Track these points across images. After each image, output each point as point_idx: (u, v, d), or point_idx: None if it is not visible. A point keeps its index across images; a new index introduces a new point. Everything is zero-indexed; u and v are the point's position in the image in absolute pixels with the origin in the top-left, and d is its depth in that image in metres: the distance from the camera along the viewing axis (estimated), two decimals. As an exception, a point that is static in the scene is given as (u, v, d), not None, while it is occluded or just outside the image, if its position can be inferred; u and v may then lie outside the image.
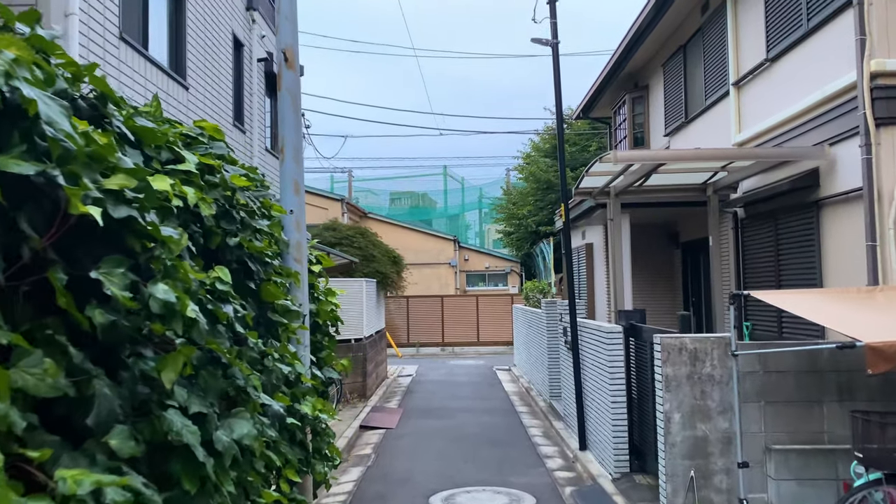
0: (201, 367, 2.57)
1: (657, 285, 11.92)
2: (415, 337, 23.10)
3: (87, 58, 6.93)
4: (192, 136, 3.50)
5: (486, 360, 20.22)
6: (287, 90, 4.87)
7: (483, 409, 11.82)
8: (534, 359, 13.59)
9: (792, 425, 5.27)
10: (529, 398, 12.89)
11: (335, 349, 5.56)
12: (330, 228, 14.54)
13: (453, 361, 20.21)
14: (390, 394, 13.77)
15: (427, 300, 23.39)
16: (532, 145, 28.72)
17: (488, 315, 23.01)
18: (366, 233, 14.72)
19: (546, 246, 24.50)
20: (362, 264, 14.04)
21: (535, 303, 14.56)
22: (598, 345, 7.51)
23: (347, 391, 11.95)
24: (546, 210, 26.23)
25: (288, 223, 4.54)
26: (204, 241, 2.94)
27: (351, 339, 12.19)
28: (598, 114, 16.12)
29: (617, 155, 6.86)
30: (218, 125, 3.62)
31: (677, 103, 11.45)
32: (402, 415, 11.31)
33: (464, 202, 47.09)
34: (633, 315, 7.09)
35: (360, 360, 12.21)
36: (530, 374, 14.33)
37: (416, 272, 26.57)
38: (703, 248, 10.66)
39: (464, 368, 18.32)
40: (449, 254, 28.26)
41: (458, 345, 22.95)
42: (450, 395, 13.42)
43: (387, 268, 14.28)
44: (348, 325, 12.09)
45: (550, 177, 25.21)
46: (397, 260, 15.14)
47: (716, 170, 8.37)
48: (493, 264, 30.00)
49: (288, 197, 4.74)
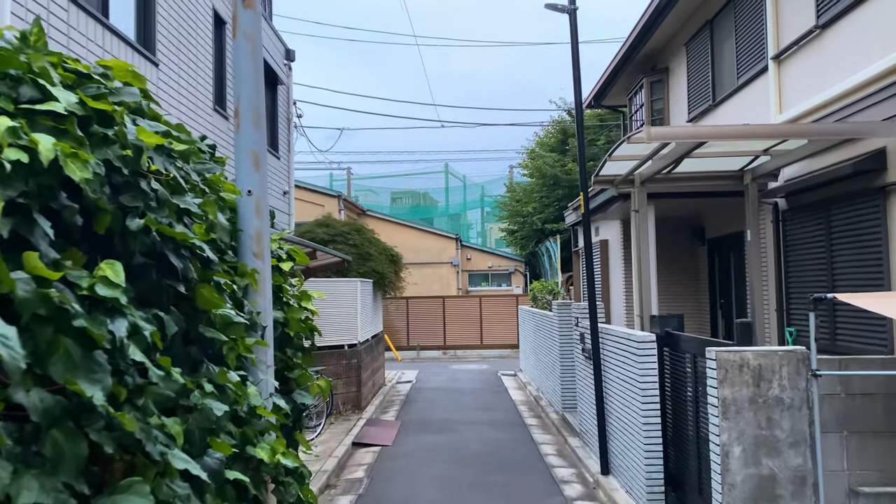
0: (53, 425, 1.57)
1: (679, 286, 10.86)
2: (415, 340, 22.05)
3: (23, 18, 5.89)
4: (86, 73, 2.37)
5: (490, 365, 19.16)
6: (244, 35, 3.73)
7: (489, 422, 10.76)
8: (543, 365, 12.53)
9: (883, 462, 4.21)
10: (539, 408, 11.84)
11: (311, 364, 4.44)
12: (323, 224, 13.51)
13: (455, 366, 19.16)
14: (388, 403, 12.72)
15: (428, 301, 22.34)
16: (537, 140, 27.68)
17: (492, 317, 21.95)
18: (362, 229, 13.69)
19: (553, 244, 23.43)
20: (357, 263, 13.01)
21: (545, 304, 13.52)
22: (626, 355, 6.45)
23: (340, 402, 10.89)
24: (552, 207, 25.16)
25: (245, 208, 3.40)
26: (88, 222, 1.90)
27: (344, 346, 11.15)
28: (612, 102, 15.05)
29: (651, 132, 5.80)
30: (135, 69, 2.46)
31: (703, 85, 10.38)
32: (400, 429, 10.26)
33: (465, 200, 46.21)
34: (668, 321, 6.03)
35: (353, 367, 11.16)
36: (539, 381, 13.28)
37: (417, 272, 25.53)
38: (734, 244, 9.60)
39: (467, 374, 17.27)
40: (451, 253, 27.21)
41: (460, 348, 21.90)
42: (452, 405, 12.37)
43: (384, 267, 13.25)
44: (341, 330, 11.04)
45: (557, 172, 24.14)
46: (395, 258, 14.10)
47: (757, 153, 7.30)
48: (496, 264, 28.96)
49: (245, 173, 3.55)
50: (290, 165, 14.74)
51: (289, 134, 14.78)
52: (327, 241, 13.09)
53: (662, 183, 8.00)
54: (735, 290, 9.69)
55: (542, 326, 12.56)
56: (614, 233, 11.54)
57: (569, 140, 25.83)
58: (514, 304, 21.90)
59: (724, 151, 7.13)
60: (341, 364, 11.00)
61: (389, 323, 21.90)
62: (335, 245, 12.93)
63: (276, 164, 13.82)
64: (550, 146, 26.47)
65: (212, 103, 10.33)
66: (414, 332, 22.11)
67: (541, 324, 12.66)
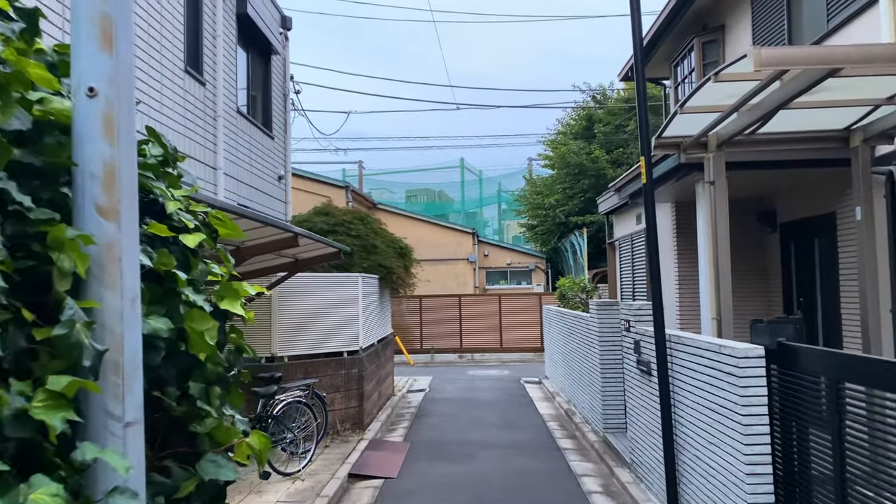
0: None
1: (743, 281, 9.00)
2: (429, 342, 20.32)
3: None
4: None
5: (511, 371, 17.38)
6: None
7: (515, 444, 9.00)
8: (577, 375, 10.75)
9: None
10: (572, 426, 10.06)
11: (240, 405, 2.56)
12: (322, 213, 11.83)
13: (473, 371, 17.40)
14: (396, 418, 11.00)
15: (443, 300, 20.58)
16: (558, 130, 25.82)
17: (513, 317, 20.15)
18: (366, 218, 12.00)
19: (578, 238, 21.59)
20: (360, 256, 11.30)
21: (578, 304, 11.74)
22: (712, 373, 4.66)
23: (338, 421, 9.18)
24: (577, 199, 23.31)
25: (84, 121, 1.52)
26: None
27: (343, 353, 9.43)
28: (651, 73, 13.19)
29: (761, 55, 4.01)
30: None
31: (774, 38, 8.55)
32: (409, 453, 8.53)
33: (482, 196, 44.57)
34: (781, 328, 4.23)
35: (354, 379, 9.44)
36: (571, 392, 11.49)
37: (431, 269, 23.80)
38: (819, 228, 7.76)
39: (486, 381, 15.51)
40: (467, 248, 25.45)
41: (478, 351, 20.13)
42: (470, 421, 10.62)
43: (391, 261, 11.54)
44: (339, 335, 9.33)
45: (583, 160, 22.29)
46: (405, 251, 12.38)
47: (878, 102, 5.48)
48: (515, 260, 27.15)
49: (86, 56, 1.64)
50: (287, 147, 13.06)
51: (285, 112, 13.10)
52: (326, 232, 11.39)
53: (743, 147, 6.19)
54: (821, 285, 7.84)
55: (574, 330, 10.77)
56: (665, 218, 9.73)
57: (595, 126, 23.95)
58: (537, 303, 20.10)
59: (829, 101, 5.32)
60: (339, 375, 9.28)
61: (401, 324, 20.19)
62: (335, 236, 11.23)
63: (269, 145, 12.15)
64: (574, 133, 24.62)
65: (182, 63, 8.66)
66: (428, 333, 20.38)
67: (574, 327, 10.87)
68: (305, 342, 9.01)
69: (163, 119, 7.92)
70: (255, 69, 11.74)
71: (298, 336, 8.96)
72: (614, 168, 22.31)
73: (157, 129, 1.79)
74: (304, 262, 8.15)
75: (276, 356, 8.78)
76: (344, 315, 9.45)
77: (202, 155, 9.09)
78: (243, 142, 10.78)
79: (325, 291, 9.29)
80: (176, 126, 8.32)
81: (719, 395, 4.54)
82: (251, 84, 11.63)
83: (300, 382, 8.13)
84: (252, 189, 11.09)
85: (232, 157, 10.17)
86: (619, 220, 12.34)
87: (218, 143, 9.53)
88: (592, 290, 12.62)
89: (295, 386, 7.99)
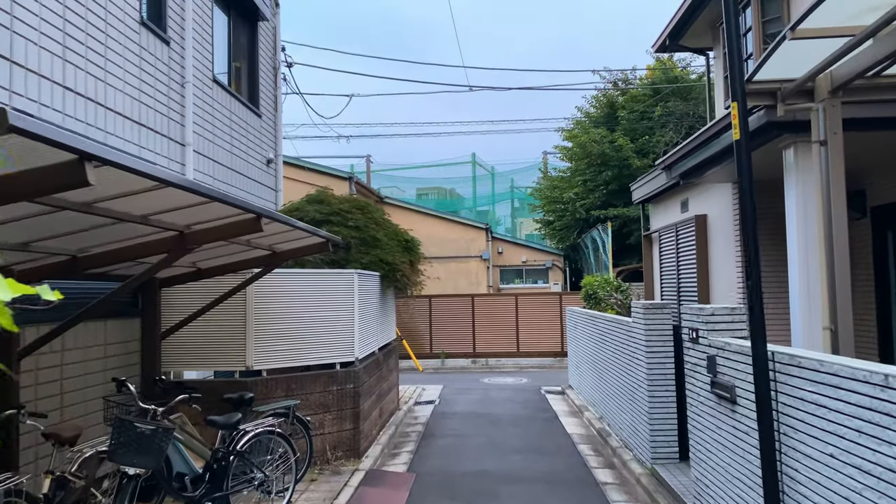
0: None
1: (777, 269, 7.31)
2: (439, 346, 18.72)
3: None
4: None
5: (530, 378, 15.77)
6: None
7: (543, 478, 7.39)
8: (612, 389, 9.13)
9: None
10: (608, 451, 8.45)
11: None
12: (315, 201, 10.29)
13: (488, 379, 15.80)
14: (400, 439, 9.43)
15: (454, 300, 18.98)
16: (579, 118, 24.10)
17: (531, 319, 18.51)
18: (366, 207, 10.45)
19: (602, 233, 19.92)
20: (359, 251, 9.73)
21: (614, 306, 10.12)
22: (878, 420, 3.04)
23: (328, 447, 7.61)
24: (598, 192, 21.64)
25: None
26: None
27: (335, 365, 7.86)
28: (692, 42, 11.55)
29: None
30: None
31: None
32: (413, 489, 6.95)
33: (494, 192, 43.06)
34: None
35: (349, 396, 7.87)
36: (603, 408, 9.87)
37: (442, 267, 22.24)
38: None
39: (503, 391, 13.90)
40: (480, 245, 23.86)
41: (493, 355, 18.52)
42: (487, 444, 9.03)
43: (395, 256, 9.98)
44: (330, 343, 7.77)
45: (606, 149, 20.60)
46: (411, 245, 10.81)
47: None
48: (531, 258, 25.54)
49: None
50: (277, 127, 11.52)
51: (275, 87, 11.56)
52: (320, 222, 9.84)
53: (861, 95, 4.56)
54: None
55: (610, 336, 9.16)
56: (721, 204, 8.09)
57: (618, 112, 22.26)
58: (557, 303, 18.47)
59: None
60: (330, 392, 7.71)
61: (409, 326, 18.63)
62: (330, 227, 9.68)
63: (256, 124, 10.61)
64: (595, 121, 22.94)
65: (138, 15, 7.11)
66: (438, 336, 18.79)
67: (608, 332, 9.25)
68: (289, 352, 7.45)
69: (107, 77, 6.38)
70: (237, 35, 10.20)
71: (280, 345, 7.40)
72: (640, 158, 20.62)
73: (97, 88, 0.28)
74: (283, 255, 6.59)
75: (252, 369, 7.23)
76: (336, 319, 7.88)
77: (164, 126, 7.55)
78: (222, 117, 9.25)
79: (313, 291, 7.74)
80: (127, 88, 6.78)
81: (888, 453, 2.92)
82: (233, 53, 10.09)
83: (277, 405, 6.58)
84: (232, 172, 9.56)
85: (206, 134, 8.64)
86: (659, 208, 10.69)
87: (186, 114, 8.00)
88: (627, 289, 10.99)
89: (270, 410, 6.44)
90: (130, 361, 6.53)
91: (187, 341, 7.17)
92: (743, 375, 4.44)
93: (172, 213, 4.20)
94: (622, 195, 21.21)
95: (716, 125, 6.49)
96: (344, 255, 9.73)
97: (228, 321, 7.21)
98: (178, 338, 7.06)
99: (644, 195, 10.75)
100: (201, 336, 7.19)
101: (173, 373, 7.30)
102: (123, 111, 6.68)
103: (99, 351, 6.03)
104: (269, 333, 7.34)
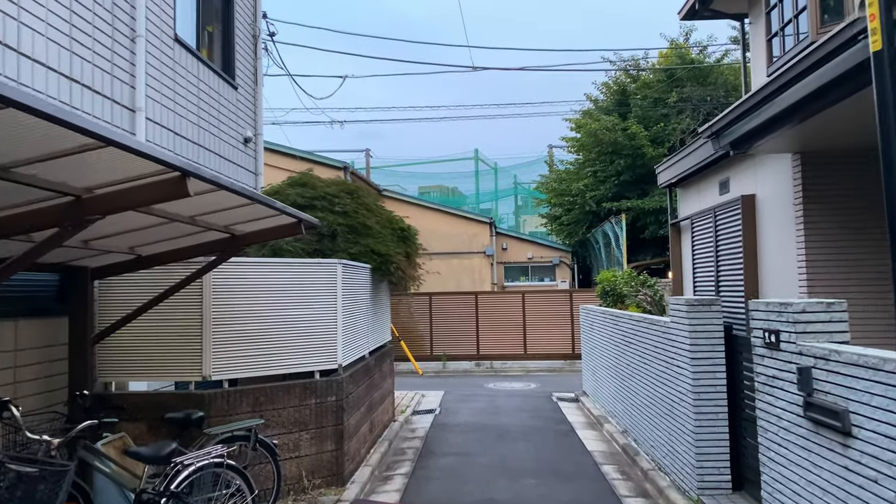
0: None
1: (861, 261, 6.02)
2: (440, 347, 17.41)
3: None
4: None
5: (539, 383, 14.46)
6: None
7: (564, 510, 6.10)
8: (640, 399, 7.83)
9: None
10: (638, 473, 7.14)
11: None
12: (298, 184, 9.01)
13: (493, 384, 14.49)
14: (393, 458, 8.13)
15: (456, 298, 17.66)
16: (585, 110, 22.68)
17: (539, 318, 17.19)
18: (357, 192, 9.16)
19: (614, 227, 18.61)
20: (347, 240, 8.44)
21: (643, 303, 8.82)
22: None
23: (304, 473, 6.30)
24: (610, 183, 20.31)
25: None
26: None
27: (313, 373, 6.56)
28: (725, 6, 10.20)
29: None
30: None
31: None
32: (407, 527, 5.66)
33: (497, 189, 41.88)
34: None
35: (329, 411, 6.57)
36: (629, 421, 8.57)
37: (443, 264, 20.94)
38: None
39: (510, 397, 12.60)
40: (483, 240, 22.56)
41: (498, 358, 17.20)
42: (496, 464, 7.73)
43: (389, 246, 8.71)
44: (307, 348, 6.48)
45: (618, 137, 19.27)
46: (407, 235, 9.52)
47: None
48: (537, 254, 24.25)
49: None
50: (258, 102, 10.24)
51: (255, 58, 10.28)
52: (303, 207, 8.56)
53: None
54: None
55: (636, 337, 7.86)
56: (775, 181, 6.78)
57: (630, 98, 20.95)
58: (567, 301, 17.16)
59: None
60: (307, 406, 6.42)
61: (408, 325, 17.34)
62: (314, 212, 8.41)
63: (230, 97, 9.33)
64: (606, 109, 21.61)
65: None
66: (439, 337, 17.47)
67: (634, 333, 7.96)
68: (257, 359, 6.16)
69: (21, 15, 5.09)
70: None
71: (246, 350, 6.11)
72: (654, 147, 19.30)
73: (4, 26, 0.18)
74: (244, 238, 5.29)
75: (211, 379, 5.94)
76: (315, 319, 6.59)
77: (106, 86, 6.27)
78: (187, 84, 7.97)
79: (286, 285, 6.45)
80: (52, 33, 5.50)
81: None
82: (203, 14, 8.80)
83: (235, 426, 5.29)
84: (200, 149, 8.28)
85: (166, 101, 7.36)
86: (690, 192, 9.38)
87: (137, 74, 6.71)
88: (655, 284, 9.68)
89: (226, 432, 5.15)
90: (54, 371, 5.24)
91: (131, 346, 5.88)
92: (865, 398, 3.15)
93: (58, 162, 2.91)
94: (635, 186, 19.89)
95: (790, 72, 5.16)
96: (329, 244, 8.46)
97: (182, 321, 5.91)
98: (119, 341, 5.78)
99: (672, 177, 9.43)
100: (149, 339, 5.89)
101: (115, 384, 6.01)
102: (47, 61, 5.40)
103: (6, 359, 4.74)
104: (231, 336, 6.04)
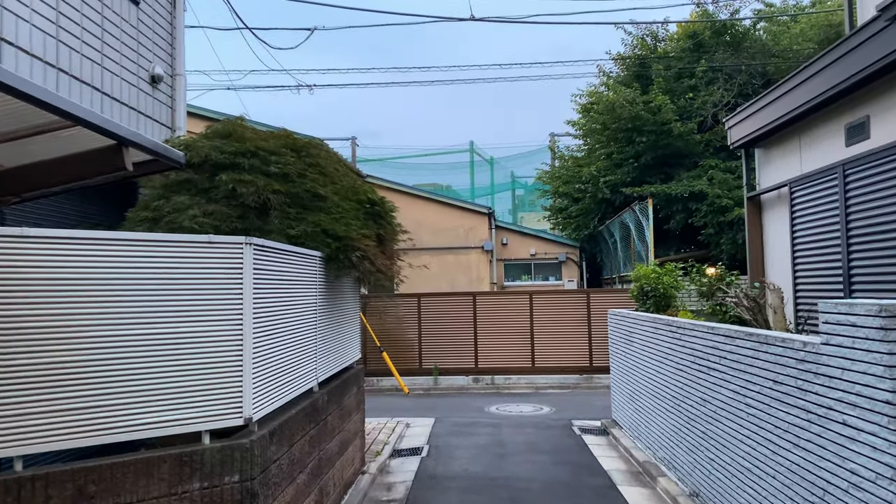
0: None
1: None
2: (431, 359, 14.57)
3: None
4: None
5: (552, 405, 11.66)
6: None
7: None
8: (734, 458, 5.03)
9: None
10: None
11: None
12: (221, 135, 6.13)
13: (496, 407, 11.68)
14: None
15: (451, 300, 14.80)
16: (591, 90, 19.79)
17: (549, 324, 14.37)
18: (306, 149, 6.24)
19: (638, 215, 15.79)
20: (285, 215, 5.63)
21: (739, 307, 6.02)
22: None
23: None
24: (628, 166, 17.50)
25: None
26: None
27: (200, 435, 3.75)
28: None
29: None
30: None
31: None
32: None
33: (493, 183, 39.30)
34: None
35: (228, 501, 3.74)
36: (699, 479, 5.74)
37: (435, 260, 18.14)
38: None
39: (520, 428, 9.77)
40: (481, 234, 19.76)
41: (500, 372, 14.37)
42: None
43: (350, 226, 5.87)
44: (183, 391, 3.57)
45: (640, 110, 16.46)
46: (380, 212, 6.65)
47: None
48: (541, 250, 21.47)
49: None
50: (177, 29, 7.39)
51: (171, -32, 7.43)
52: (223, 167, 5.75)
53: None
54: None
55: (726, 362, 5.06)
56: None
57: (652, 68, 18.17)
58: (584, 304, 14.34)
59: None
60: (185, 496, 3.58)
61: (393, 333, 14.50)
62: (238, 173, 5.59)
63: (130, 17, 6.49)
64: (625, 81, 18.82)
65: None
66: (429, 346, 14.63)
67: (722, 356, 5.17)
68: (85, 414, 3.35)
69: None
70: None
71: (62, 399, 3.29)
72: (683, 123, 16.53)
73: None
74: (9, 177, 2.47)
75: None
76: (202, 340, 3.76)
77: None
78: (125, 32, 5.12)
79: (142, 280, 3.62)
80: None
81: None
82: None
83: None
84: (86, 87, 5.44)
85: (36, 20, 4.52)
86: (785, 149, 6.57)
87: None
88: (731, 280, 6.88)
89: None
90: None
91: None
92: None
93: None
94: (658, 170, 17.08)
95: None
96: (258, 220, 5.62)
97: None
98: None
99: (754, 130, 6.63)
100: None
101: None
102: None
103: None
104: (28, 372, 3.22)
